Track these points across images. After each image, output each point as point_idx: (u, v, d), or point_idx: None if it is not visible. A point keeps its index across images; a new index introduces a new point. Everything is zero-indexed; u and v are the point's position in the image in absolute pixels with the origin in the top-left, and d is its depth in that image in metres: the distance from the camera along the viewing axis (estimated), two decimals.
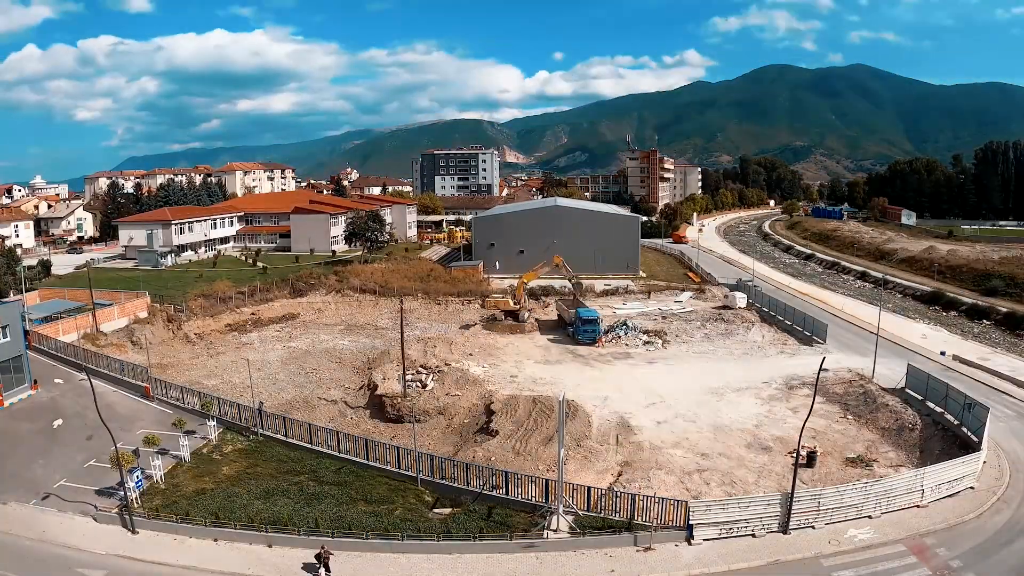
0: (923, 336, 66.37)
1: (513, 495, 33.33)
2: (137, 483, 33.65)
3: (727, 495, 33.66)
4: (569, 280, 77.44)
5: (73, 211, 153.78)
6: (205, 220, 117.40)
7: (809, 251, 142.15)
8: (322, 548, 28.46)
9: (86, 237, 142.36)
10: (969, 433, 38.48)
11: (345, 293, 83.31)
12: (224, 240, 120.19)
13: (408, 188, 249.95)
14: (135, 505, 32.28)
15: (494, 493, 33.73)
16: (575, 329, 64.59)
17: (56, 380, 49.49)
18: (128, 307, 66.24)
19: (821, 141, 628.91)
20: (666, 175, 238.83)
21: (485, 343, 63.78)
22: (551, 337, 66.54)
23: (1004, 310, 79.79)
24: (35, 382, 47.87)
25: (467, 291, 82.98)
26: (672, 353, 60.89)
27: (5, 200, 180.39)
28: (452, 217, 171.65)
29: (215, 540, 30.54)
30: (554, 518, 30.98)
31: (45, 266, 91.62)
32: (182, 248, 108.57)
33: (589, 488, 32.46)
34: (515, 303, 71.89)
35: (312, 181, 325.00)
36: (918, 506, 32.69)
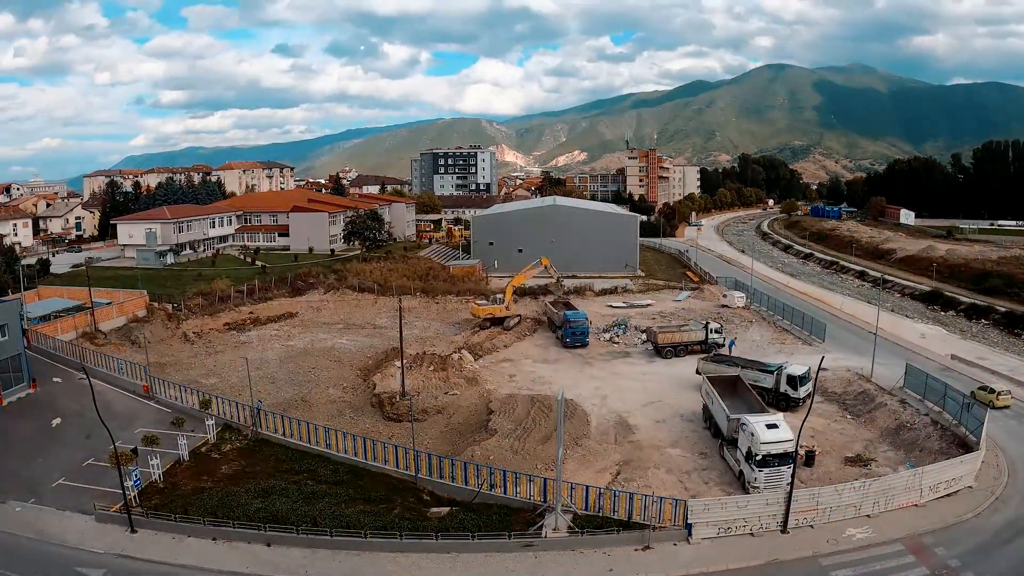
0: (922, 336, 66.35)
1: (512, 494, 33.35)
2: (136, 482, 33.64)
3: (726, 494, 33.69)
4: (555, 282, 76.44)
5: (72, 209, 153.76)
6: (204, 219, 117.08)
7: (808, 250, 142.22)
8: None
9: (85, 236, 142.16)
10: (967, 432, 38.55)
11: (344, 292, 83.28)
12: (223, 239, 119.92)
13: (407, 186, 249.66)
14: (134, 504, 32.26)
15: (493, 492, 33.74)
16: (563, 331, 62.37)
17: (55, 379, 49.50)
18: (126, 306, 66.18)
19: (820, 140, 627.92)
20: (665, 174, 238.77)
21: (484, 342, 63.65)
22: (539, 342, 64.90)
23: (1003, 309, 79.95)
24: (33, 381, 47.88)
25: (466, 290, 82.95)
26: None
27: (3, 198, 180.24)
28: (451, 216, 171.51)
29: (214, 539, 30.50)
30: (552, 517, 30.97)
31: (44, 264, 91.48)
32: (181, 247, 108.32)
33: (588, 487, 32.50)
34: (506, 308, 69.05)
35: (311, 180, 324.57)
36: (916, 505, 32.76)
